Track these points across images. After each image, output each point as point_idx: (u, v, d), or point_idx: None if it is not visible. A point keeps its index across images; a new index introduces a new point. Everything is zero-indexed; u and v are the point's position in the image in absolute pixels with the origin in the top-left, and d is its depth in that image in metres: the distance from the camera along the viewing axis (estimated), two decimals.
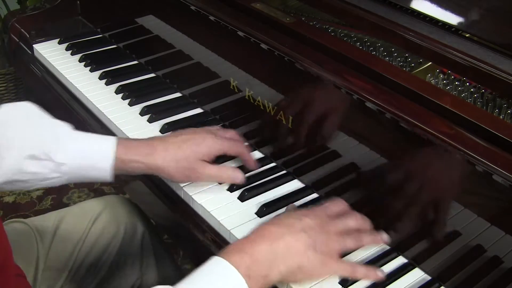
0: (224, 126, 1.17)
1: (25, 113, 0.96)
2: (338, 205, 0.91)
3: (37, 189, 2.27)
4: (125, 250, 1.16)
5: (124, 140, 0.95)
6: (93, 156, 0.93)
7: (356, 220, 0.88)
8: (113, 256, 1.15)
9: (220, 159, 1.02)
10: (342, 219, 0.87)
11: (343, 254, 0.86)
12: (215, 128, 1.05)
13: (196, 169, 0.95)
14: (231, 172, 0.99)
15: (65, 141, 0.93)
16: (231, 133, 1.04)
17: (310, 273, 0.81)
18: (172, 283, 0.76)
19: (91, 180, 0.96)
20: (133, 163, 0.93)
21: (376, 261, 0.89)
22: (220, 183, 1.01)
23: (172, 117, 1.19)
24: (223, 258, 0.76)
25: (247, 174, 1.02)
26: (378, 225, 0.93)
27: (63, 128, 0.95)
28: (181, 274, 1.28)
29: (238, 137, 1.05)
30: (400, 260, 0.90)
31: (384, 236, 0.90)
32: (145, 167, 0.94)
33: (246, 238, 0.80)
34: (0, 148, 0.90)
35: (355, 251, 0.90)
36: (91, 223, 1.14)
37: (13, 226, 1.12)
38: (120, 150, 0.93)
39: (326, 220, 0.85)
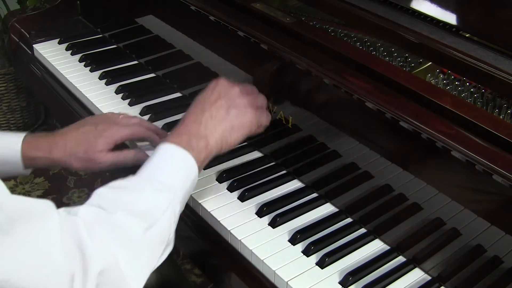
0: None
1: None
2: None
3: (37, 189, 2.27)
4: None
5: (29, 137, 1.00)
6: (3, 152, 0.98)
7: (253, 87, 1.00)
8: None
9: None
10: (241, 84, 0.98)
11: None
12: (120, 116, 1.06)
13: (95, 160, 0.98)
14: (132, 153, 1.02)
15: None
16: (134, 120, 1.06)
17: (243, 126, 0.93)
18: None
19: (10, 174, 1.01)
20: (38, 158, 0.99)
21: (376, 261, 0.89)
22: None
23: (172, 117, 1.19)
24: (166, 142, 0.87)
25: (248, 173, 1.02)
26: (379, 225, 0.93)
27: None
28: (180, 273, 1.29)
29: (142, 122, 1.06)
30: (400, 260, 0.90)
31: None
32: (49, 161, 0.99)
33: (179, 124, 0.91)
34: None
35: (354, 253, 0.91)
36: None
37: None
38: (25, 148, 0.98)
39: (232, 84, 0.96)
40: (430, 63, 0.95)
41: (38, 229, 0.67)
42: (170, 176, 0.84)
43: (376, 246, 0.92)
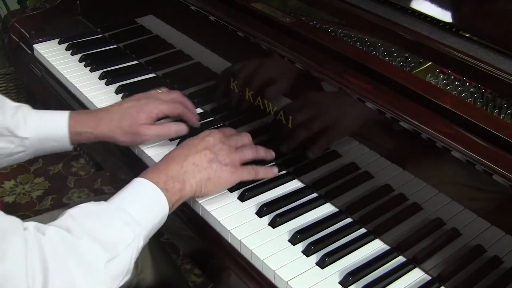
0: (224, 126, 1.17)
1: None
2: (230, 129, 1.08)
3: (37, 189, 2.27)
4: None
5: (75, 114, 1.07)
6: (50, 128, 1.05)
7: (248, 137, 1.04)
8: None
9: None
10: (238, 136, 1.03)
11: None
12: (160, 91, 1.13)
13: (140, 132, 1.05)
14: (174, 126, 1.09)
15: (26, 118, 1.05)
16: (174, 95, 1.12)
17: (218, 182, 0.96)
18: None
19: (54, 151, 1.09)
20: (84, 134, 1.06)
21: (376, 261, 0.89)
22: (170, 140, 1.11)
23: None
24: (142, 177, 0.89)
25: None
26: (379, 225, 0.93)
27: (23, 107, 1.07)
28: (179, 273, 1.29)
29: (181, 98, 1.13)
30: (400, 260, 0.90)
31: (272, 153, 1.05)
32: (94, 136, 1.06)
33: (161, 161, 0.94)
34: None
35: (352, 253, 0.90)
36: None
37: None
38: (72, 122, 1.05)
39: (225, 137, 1.00)
40: (430, 63, 0.95)
41: (2, 247, 0.69)
42: (141, 211, 0.85)
43: (376, 246, 0.92)
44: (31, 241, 0.71)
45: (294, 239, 0.91)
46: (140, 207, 0.86)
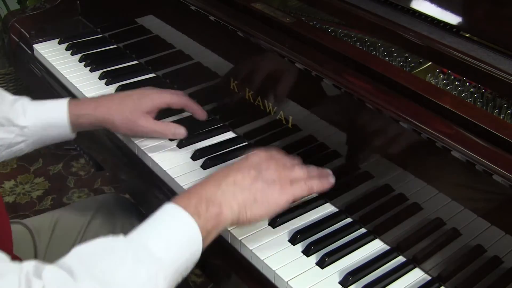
0: (224, 126, 1.17)
1: None
2: (278, 149, 0.92)
3: (37, 189, 2.27)
4: None
5: (75, 100, 1.06)
6: (50, 115, 1.02)
7: (298, 160, 0.92)
8: None
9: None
10: (287, 157, 0.91)
11: None
12: (164, 90, 1.12)
13: (138, 122, 1.02)
14: (173, 126, 1.06)
15: (25, 107, 1.02)
16: (177, 92, 1.12)
17: (268, 203, 0.82)
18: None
19: (55, 140, 1.06)
20: (84, 116, 1.03)
21: (376, 261, 0.89)
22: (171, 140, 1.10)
23: (172, 117, 1.19)
24: (172, 202, 0.77)
25: None
26: (379, 225, 0.93)
27: (22, 98, 1.05)
28: None
29: (183, 95, 1.11)
30: (400, 260, 0.90)
31: (327, 173, 0.93)
32: (94, 119, 1.03)
33: (195, 184, 0.83)
34: None
35: (352, 253, 0.90)
36: (87, 223, 1.14)
37: (11, 227, 1.11)
38: (71, 107, 1.03)
39: (271, 155, 0.88)
40: (430, 63, 0.95)
41: None
42: (163, 245, 0.73)
43: (376, 246, 0.92)
44: (22, 285, 0.63)
45: (294, 239, 0.91)
46: (164, 240, 0.73)
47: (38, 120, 1.02)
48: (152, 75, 1.35)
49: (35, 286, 0.63)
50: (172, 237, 0.74)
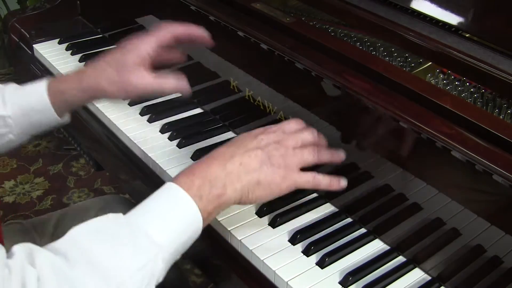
0: (224, 126, 1.17)
1: None
2: (294, 122, 0.88)
3: (37, 189, 2.27)
4: None
5: (56, 78, 0.96)
6: (29, 99, 0.93)
7: (313, 134, 0.87)
8: None
9: None
10: (298, 133, 0.86)
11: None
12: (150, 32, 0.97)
13: (130, 81, 0.89)
14: (173, 79, 0.92)
15: (4, 95, 0.94)
16: (163, 25, 0.96)
17: (269, 188, 0.80)
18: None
19: (43, 126, 0.96)
20: (68, 91, 0.92)
21: (376, 261, 0.89)
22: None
23: (172, 117, 1.19)
24: (173, 182, 0.75)
25: None
26: (379, 225, 0.93)
27: (4, 87, 0.96)
28: (180, 273, 1.29)
29: (169, 25, 0.96)
30: (400, 260, 0.90)
31: (341, 154, 0.89)
32: (81, 92, 0.92)
33: (198, 162, 0.79)
34: None
35: (354, 253, 0.90)
36: None
37: (11, 227, 1.11)
38: (51, 86, 0.93)
39: (282, 136, 0.84)
40: (430, 63, 0.95)
41: None
42: (163, 228, 0.71)
43: (376, 246, 0.92)
44: (15, 275, 0.61)
45: (294, 239, 0.91)
46: (164, 223, 0.72)
47: (18, 106, 0.93)
48: None
49: (30, 276, 0.62)
50: (173, 221, 0.73)
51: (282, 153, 0.82)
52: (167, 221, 0.73)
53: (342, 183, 0.86)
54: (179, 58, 1.02)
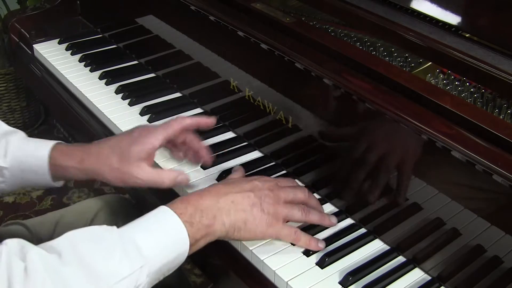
0: (224, 126, 1.17)
1: None
2: (288, 179, 0.96)
3: (37, 189, 2.27)
4: None
5: (60, 145, 0.94)
6: (29, 160, 0.92)
7: (305, 194, 0.91)
8: None
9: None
10: (291, 189, 0.91)
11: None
12: (157, 127, 0.96)
13: (131, 172, 0.90)
14: (175, 173, 0.93)
15: (8, 146, 0.93)
16: (172, 121, 0.97)
17: (254, 230, 0.84)
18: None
19: (35, 185, 0.98)
20: (69, 169, 0.92)
21: (376, 261, 0.89)
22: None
23: (172, 117, 1.19)
24: (167, 206, 0.80)
25: (247, 173, 1.02)
26: (379, 225, 0.93)
27: (13, 134, 0.95)
28: (180, 273, 1.29)
29: (178, 118, 0.97)
30: (400, 260, 0.90)
31: (333, 219, 0.93)
32: (81, 173, 0.93)
33: (194, 193, 0.84)
34: None
35: (354, 253, 0.90)
36: (89, 223, 1.14)
37: (10, 228, 1.11)
38: (54, 155, 0.92)
39: (275, 187, 0.89)
40: (430, 63, 0.95)
41: None
42: (152, 244, 0.75)
43: (376, 246, 0.92)
44: (4, 265, 0.63)
45: None
46: (153, 240, 0.76)
47: (17, 163, 0.92)
48: (152, 75, 1.35)
49: (16, 266, 0.64)
50: (162, 239, 0.77)
51: (273, 201, 0.86)
52: (157, 239, 0.77)
53: (320, 246, 0.89)
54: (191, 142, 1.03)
